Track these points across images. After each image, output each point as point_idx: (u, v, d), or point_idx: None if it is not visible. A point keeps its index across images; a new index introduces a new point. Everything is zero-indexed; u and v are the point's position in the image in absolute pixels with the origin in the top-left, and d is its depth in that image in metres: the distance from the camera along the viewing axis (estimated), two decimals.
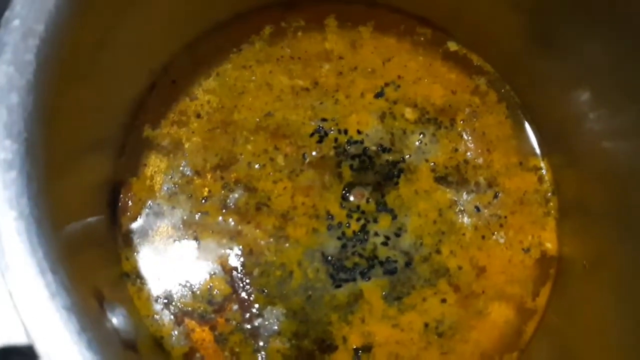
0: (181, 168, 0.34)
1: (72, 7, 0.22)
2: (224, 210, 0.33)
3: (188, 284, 0.32)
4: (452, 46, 0.37)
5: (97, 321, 0.20)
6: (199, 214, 0.33)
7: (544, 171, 0.36)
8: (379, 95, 0.36)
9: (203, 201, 0.33)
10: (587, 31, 0.30)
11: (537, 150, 0.37)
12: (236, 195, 0.33)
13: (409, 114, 0.36)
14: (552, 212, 0.36)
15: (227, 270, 0.33)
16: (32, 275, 0.18)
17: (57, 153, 0.23)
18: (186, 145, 0.34)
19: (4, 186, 0.19)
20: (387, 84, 0.36)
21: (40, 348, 0.17)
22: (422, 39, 0.37)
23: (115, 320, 0.22)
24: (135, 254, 0.32)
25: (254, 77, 0.36)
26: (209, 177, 0.34)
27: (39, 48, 0.20)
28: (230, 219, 0.33)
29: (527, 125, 0.37)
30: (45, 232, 0.19)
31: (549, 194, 0.36)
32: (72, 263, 0.20)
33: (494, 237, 0.35)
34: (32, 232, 0.19)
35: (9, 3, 0.21)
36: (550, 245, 0.36)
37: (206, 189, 0.34)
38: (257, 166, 0.34)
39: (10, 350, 0.18)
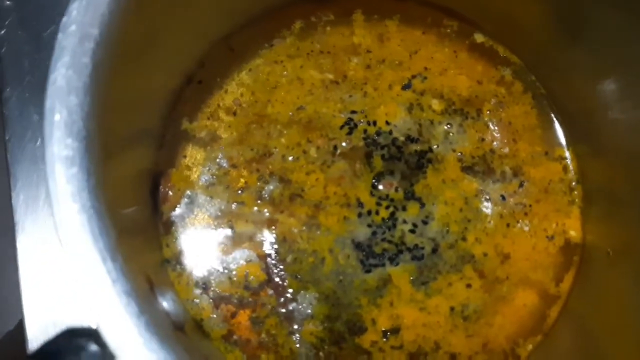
0: (218, 160, 0.35)
1: (122, 10, 0.23)
2: (259, 201, 0.35)
3: (225, 270, 0.34)
4: (479, 38, 0.38)
5: (152, 304, 0.22)
6: (235, 204, 0.35)
7: (568, 160, 0.37)
8: (406, 87, 0.37)
9: (239, 192, 0.35)
10: (617, 21, 0.31)
11: (562, 140, 0.38)
12: (271, 187, 0.35)
13: (436, 105, 0.37)
14: (577, 200, 0.37)
15: (262, 257, 0.34)
16: (95, 264, 0.20)
17: (107, 147, 0.24)
18: (222, 138, 0.36)
19: (67, 181, 0.20)
20: (414, 76, 0.37)
21: (104, 329, 0.19)
22: (448, 30, 0.38)
23: (166, 303, 0.23)
24: (175, 241, 0.34)
25: (285, 72, 0.37)
26: (245, 169, 0.35)
27: (94, 51, 0.22)
28: (265, 209, 0.35)
29: (552, 116, 0.38)
30: (103, 223, 0.21)
31: (574, 183, 0.37)
32: (125, 251, 0.22)
33: (519, 225, 0.36)
34: (93, 224, 0.20)
35: (66, 9, 0.22)
36: (574, 233, 0.36)
37: (242, 180, 0.35)
38: (290, 158, 0.35)
39: (75, 332, 0.20)
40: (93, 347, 0.19)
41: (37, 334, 0.32)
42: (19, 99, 0.38)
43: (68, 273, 0.36)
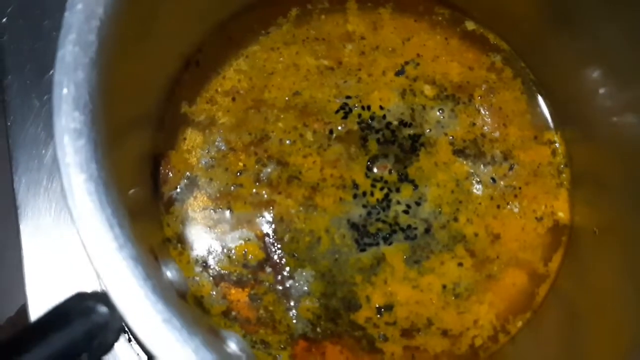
0: (217, 143, 0.36)
1: None
2: (257, 183, 0.36)
3: (224, 249, 0.35)
4: (470, 25, 0.39)
5: (157, 271, 0.23)
6: (234, 186, 0.36)
7: (557, 144, 0.38)
8: (399, 73, 0.38)
9: (238, 174, 0.36)
10: (603, 9, 0.32)
11: (551, 125, 0.39)
12: (269, 170, 0.36)
13: (428, 90, 0.38)
14: (565, 183, 0.38)
15: (260, 236, 0.35)
16: (103, 230, 0.21)
17: (112, 125, 0.25)
18: (221, 122, 0.36)
19: (75, 152, 0.21)
20: (407, 62, 0.38)
21: (111, 292, 0.20)
22: (440, 18, 0.39)
23: (169, 273, 0.24)
24: (176, 220, 0.35)
25: (281, 58, 0.38)
26: (243, 152, 0.36)
27: (99, 29, 0.23)
28: (263, 191, 0.36)
29: (541, 101, 0.39)
30: (110, 191, 0.21)
31: (562, 166, 0.38)
32: (131, 223, 0.23)
33: (509, 206, 0.37)
34: (101, 192, 0.21)
35: None
36: (563, 215, 0.38)
37: (241, 163, 0.36)
38: (288, 142, 0.36)
39: (84, 295, 0.21)
40: (102, 309, 0.20)
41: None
42: (20, 86, 0.39)
43: (70, 255, 0.37)
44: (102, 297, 0.20)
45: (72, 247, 0.37)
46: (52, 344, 0.19)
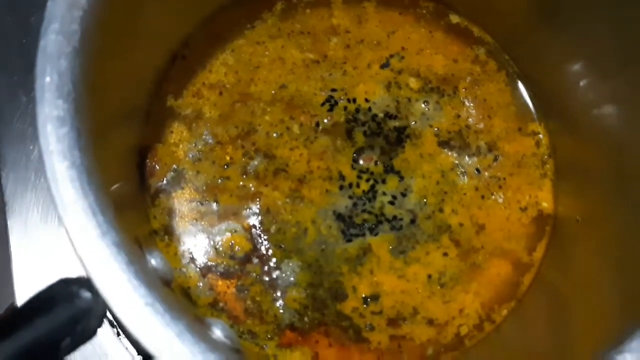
0: (203, 137, 0.36)
1: None
2: (244, 176, 0.36)
3: (211, 241, 0.35)
4: (454, 18, 0.40)
5: (140, 258, 0.23)
6: (221, 178, 0.36)
7: (541, 136, 0.39)
8: (384, 66, 0.39)
9: (225, 167, 0.36)
10: (586, 2, 0.32)
11: (535, 116, 0.39)
12: (256, 162, 0.36)
13: (413, 83, 0.39)
14: (549, 173, 0.38)
15: (247, 228, 0.35)
16: (85, 216, 0.21)
17: (97, 116, 0.25)
18: (207, 116, 0.37)
19: (57, 139, 0.21)
20: (392, 55, 0.39)
21: (94, 277, 0.20)
22: (424, 11, 0.40)
23: (154, 261, 0.24)
24: (162, 213, 0.35)
25: (267, 52, 0.38)
26: (230, 145, 0.36)
27: (82, 18, 0.23)
28: (250, 184, 0.36)
29: (525, 93, 0.39)
30: (94, 180, 0.22)
31: (546, 157, 0.39)
32: (115, 211, 0.23)
33: (493, 197, 0.38)
34: (84, 180, 0.21)
35: None
36: (547, 205, 0.38)
37: (228, 156, 0.36)
38: (274, 135, 0.37)
39: (68, 281, 0.21)
40: (86, 294, 0.20)
41: None
42: (8, 82, 0.39)
43: (59, 251, 0.37)
44: (85, 283, 0.20)
45: (61, 243, 0.37)
46: (35, 328, 0.19)
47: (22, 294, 0.37)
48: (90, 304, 0.20)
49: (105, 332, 0.35)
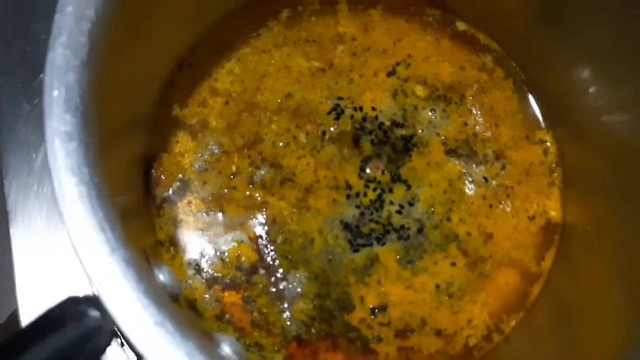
0: (210, 146, 0.36)
1: None
2: (250, 186, 0.36)
3: (217, 252, 0.35)
4: (461, 26, 0.39)
5: (149, 274, 0.22)
6: (227, 188, 0.36)
7: (548, 144, 0.39)
8: (390, 73, 0.38)
9: (231, 177, 0.36)
10: (593, 9, 0.32)
11: (543, 124, 0.39)
12: (262, 172, 0.36)
13: (420, 91, 0.38)
14: (557, 182, 0.38)
15: (253, 238, 0.35)
16: (94, 233, 0.21)
17: (104, 127, 0.25)
18: (213, 125, 0.36)
19: (66, 155, 0.21)
20: (398, 63, 0.39)
21: (103, 296, 0.20)
22: (430, 19, 0.39)
23: (162, 276, 0.24)
24: (168, 223, 0.35)
25: (273, 61, 0.38)
26: (236, 155, 0.36)
27: (90, 31, 0.23)
28: (257, 194, 0.36)
29: (532, 100, 0.39)
30: (102, 195, 0.21)
31: (554, 165, 0.38)
32: (123, 226, 0.22)
33: (501, 205, 0.37)
34: (92, 196, 0.21)
35: None
36: (555, 213, 0.38)
37: (234, 166, 0.36)
38: (281, 144, 0.36)
39: (76, 299, 0.21)
40: (94, 313, 0.20)
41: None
42: (10, 90, 0.39)
43: (61, 260, 0.36)
44: (94, 301, 0.20)
45: (63, 251, 0.36)
46: (44, 348, 0.19)
47: (25, 303, 0.36)
48: (100, 323, 0.20)
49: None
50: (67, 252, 0.36)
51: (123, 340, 0.35)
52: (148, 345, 0.20)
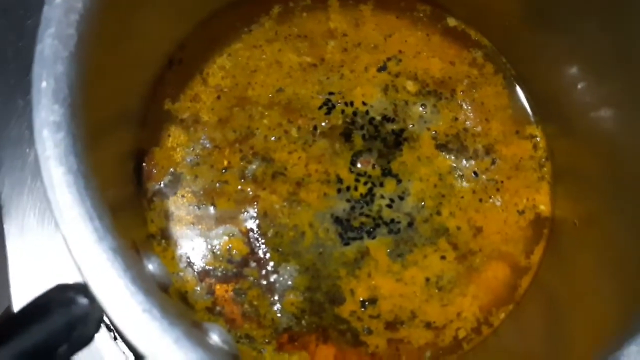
0: (201, 141, 0.36)
1: None
2: (242, 180, 0.36)
3: (209, 245, 0.35)
4: (451, 22, 0.40)
5: (137, 263, 0.23)
6: (219, 182, 0.36)
7: (538, 139, 0.39)
8: (381, 69, 0.39)
9: (223, 171, 0.36)
10: (581, 5, 0.32)
11: (532, 119, 0.39)
12: (254, 166, 0.36)
13: (410, 86, 0.39)
14: (546, 176, 0.38)
15: (244, 232, 0.35)
16: (82, 222, 0.21)
17: (94, 120, 0.25)
18: (205, 120, 0.37)
19: (54, 145, 0.21)
20: (389, 59, 0.39)
21: (91, 283, 0.20)
22: (421, 15, 0.40)
23: (151, 266, 0.24)
24: (159, 217, 0.35)
25: (264, 56, 0.38)
26: (228, 149, 0.36)
27: (78, 23, 0.23)
28: (248, 188, 0.36)
29: (522, 96, 0.39)
30: (90, 186, 0.22)
31: (543, 160, 0.39)
32: (112, 216, 0.23)
33: (491, 200, 0.38)
34: (80, 185, 0.21)
35: None
36: (544, 208, 0.38)
37: (226, 160, 0.36)
38: (273, 139, 0.37)
39: (65, 287, 0.21)
40: (83, 300, 0.20)
41: None
42: (4, 86, 0.39)
43: (55, 255, 0.37)
44: (82, 289, 0.20)
45: (58, 246, 0.37)
46: (32, 335, 0.19)
47: (19, 298, 0.36)
48: (87, 310, 0.20)
49: (102, 336, 0.35)
50: (61, 247, 0.37)
51: (116, 335, 0.35)
52: (136, 332, 0.20)
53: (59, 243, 0.37)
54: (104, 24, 0.25)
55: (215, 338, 0.24)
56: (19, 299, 0.37)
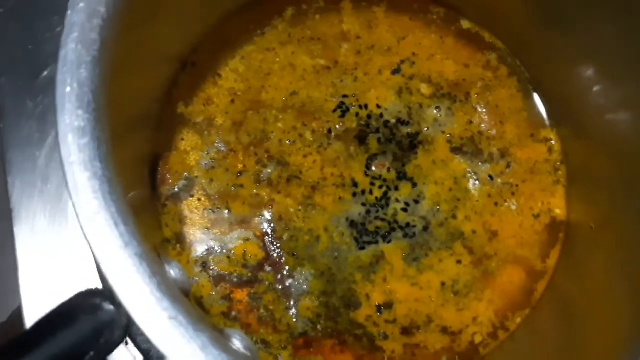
0: (216, 144, 0.36)
1: None
2: (257, 184, 0.36)
3: (224, 250, 0.35)
4: (465, 24, 0.40)
5: (161, 269, 0.22)
6: (235, 186, 0.36)
7: (553, 142, 0.39)
8: (395, 71, 0.38)
9: (238, 175, 0.36)
10: (596, 8, 0.32)
11: (547, 122, 0.39)
12: (269, 170, 0.36)
13: (425, 89, 0.38)
14: (561, 180, 0.38)
15: (259, 236, 0.35)
16: (107, 228, 0.21)
17: (111, 125, 0.25)
18: (219, 123, 0.36)
19: (79, 150, 0.21)
20: (402, 61, 0.39)
21: (117, 290, 0.20)
22: (435, 17, 0.40)
23: (172, 271, 0.24)
24: (174, 221, 0.35)
25: (277, 59, 0.38)
26: (243, 153, 0.36)
27: (101, 27, 0.23)
28: (263, 191, 0.36)
29: (537, 98, 0.39)
30: (114, 189, 0.21)
31: (558, 164, 0.38)
32: (135, 222, 0.22)
33: (506, 204, 0.37)
34: (105, 190, 0.21)
35: None
36: (560, 211, 0.38)
37: (241, 164, 0.36)
38: (287, 142, 0.36)
39: (90, 293, 0.21)
40: (108, 307, 0.20)
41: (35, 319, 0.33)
42: (13, 88, 0.39)
43: (65, 257, 0.36)
44: (108, 295, 0.20)
45: (67, 249, 0.36)
46: (60, 341, 0.19)
47: (29, 300, 0.36)
48: (114, 317, 0.20)
49: None
50: (70, 250, 0.36)
51: (128, 339, 0.35)
52: (162, 339, 0.20)
53: (68, 245, 0.37)
54: (123, 29, 0.25)
55: (237, 344, 0.24)
56: (29, 301, 0.36)
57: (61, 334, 0.19)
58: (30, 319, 0.36)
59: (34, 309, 0.36)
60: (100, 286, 0.30)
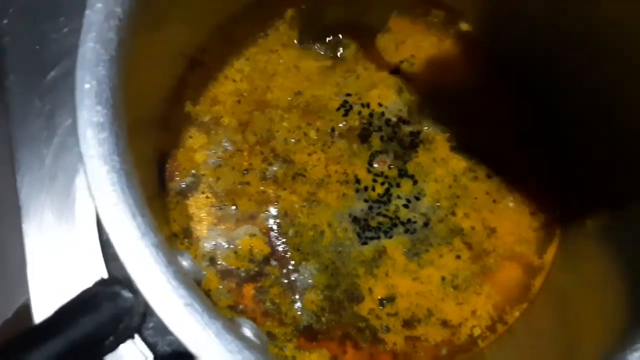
0: (223, 143, 0.37)
1: None
2: (263, 181, 0.37)
3: (230, 245, 0.36)
4: (464, 27, 0.41)
5: (175, 259, 0.23)
6: (241, 184, 0.37)
7: None
8: (395, 71, 0.40)
9: (245, 172, 0.37)
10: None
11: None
12: (275, 168, 0.37)
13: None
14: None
15: (265, 231, 0.36)
16: (126, 219, 0.21)
17: (127, 122, 0.26)
18: (226, 123, 0.37)
19: (98, 144, 0.22)
20: (402, 61, 0.40)
21: (135, 278, 0.21)
22: (435, 20, 0.41)
23: (185, 262, 0.25)
24: (182, 216, 0.36)
25: (281, 60, 0.39)
26: (249, 151, 0.37)
27: (118, 27, 0.24)
28: (269, 189, 0.37)
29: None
30: (131, 182, 0.22)
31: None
32: (150, 213, 0.23)
33: (504, 201, 0.38)
34: (123, 183, 0.22)
35: None
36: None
37: (247, 162, 0.37)
38: (292, 141, 0.37)
39: (110, 280, 0.22)
40: (127, 294, 0.21)
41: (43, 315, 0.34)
42: (22, 87, 0.40)
43: (73, 253, 0.37)
44: (126, 283, 0.21)
45: (74, 245, 0.37)
46: (81, 327, 0.20)
47: (37, 296, 0.37)
48: (132, 304, 0.21)
49: None
50: (77, 246, 0.37)
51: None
52: (179, 325, 0.20)
53: (75, 241, 0.37)
54: (138, 29, 0.25)
55: (247, 332, 0.24)
56: (37, 297, 0.37)
57: (83, 319, 0.20)
58: (38, 313, 0.37)
59: (42, 303, 0.37)
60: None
